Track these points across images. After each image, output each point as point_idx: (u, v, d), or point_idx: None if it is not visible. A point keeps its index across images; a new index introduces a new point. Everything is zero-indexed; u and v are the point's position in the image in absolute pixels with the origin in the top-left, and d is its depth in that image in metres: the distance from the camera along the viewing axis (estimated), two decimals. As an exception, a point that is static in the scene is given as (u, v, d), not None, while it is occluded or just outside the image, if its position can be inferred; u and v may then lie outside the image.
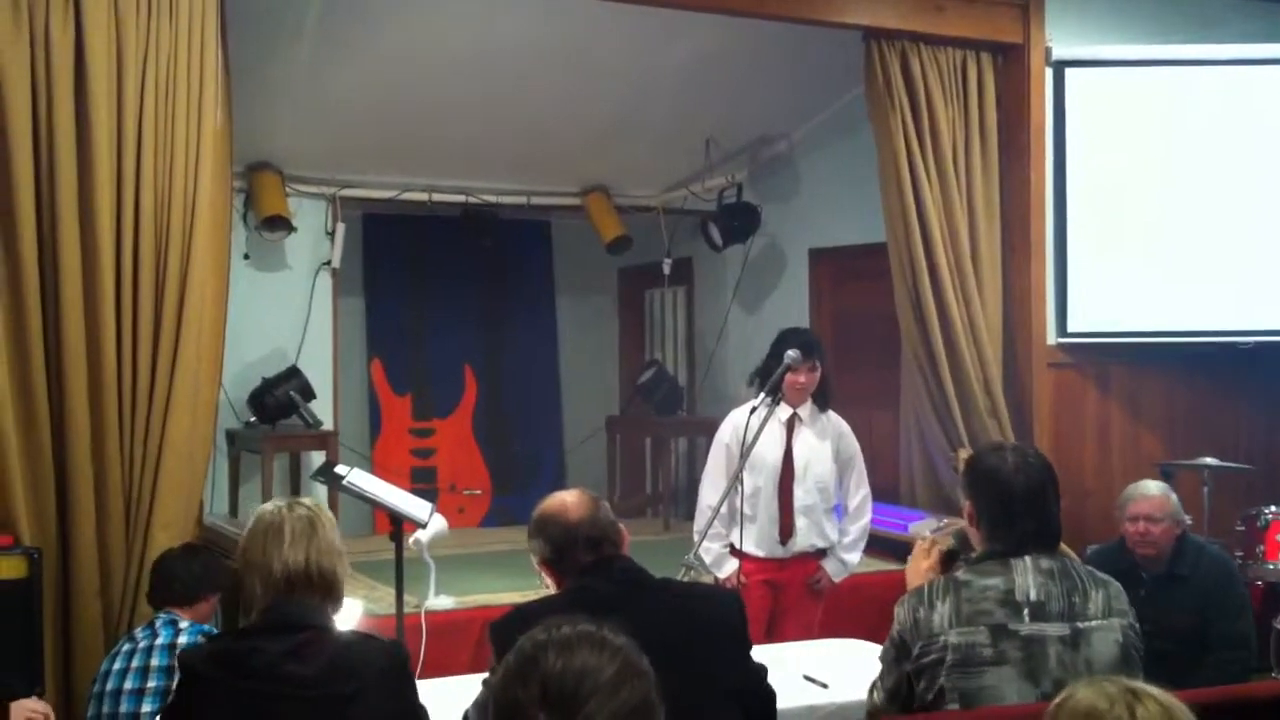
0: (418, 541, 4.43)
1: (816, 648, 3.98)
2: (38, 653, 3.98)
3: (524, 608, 2.55)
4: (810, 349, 4.39)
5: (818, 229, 7.18)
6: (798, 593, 4.56)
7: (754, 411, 4.27)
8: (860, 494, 4.64)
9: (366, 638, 2.39)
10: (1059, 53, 5.80)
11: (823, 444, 4.56)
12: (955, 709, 2.46)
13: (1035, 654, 2.47)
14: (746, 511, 4.45)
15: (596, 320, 8.70)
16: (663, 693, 1.56)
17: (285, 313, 6.77)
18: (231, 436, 6.43)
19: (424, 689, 2.51)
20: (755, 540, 4.49)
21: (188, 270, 4.30)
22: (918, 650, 2.52)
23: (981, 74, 5.76)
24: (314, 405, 6.43)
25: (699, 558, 4.07)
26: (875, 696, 2.66)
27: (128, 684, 3.51)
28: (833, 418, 4.61)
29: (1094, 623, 2.51)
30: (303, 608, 2.37)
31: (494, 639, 2.45)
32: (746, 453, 4.18)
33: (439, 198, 7.20)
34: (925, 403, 5.74)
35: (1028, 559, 2.55)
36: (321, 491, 5.56)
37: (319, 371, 6.66)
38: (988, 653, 2.47)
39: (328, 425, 6.58)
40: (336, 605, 2.45)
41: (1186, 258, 5.81)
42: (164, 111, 4.25)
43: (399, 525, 3.92)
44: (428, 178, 7.10)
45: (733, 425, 4.46)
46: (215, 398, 4.58)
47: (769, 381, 4.31)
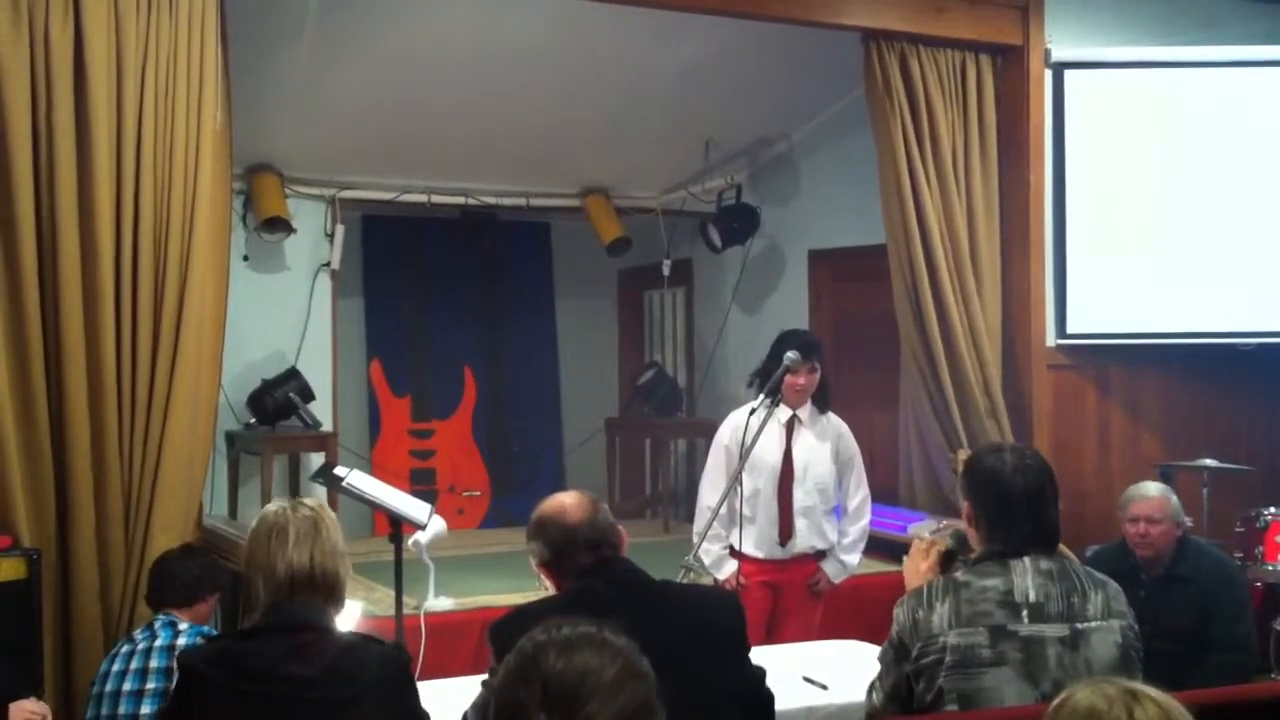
0: (417, 543, 4.43)
1: (816, 649, 3.98)
2: (37, 654, 3.97)
3: (524, 609, 2.55)
4: (810, 350, 4.39)
5: (817, 230, 7.18)
6: (797, 594, 4.56)
7: (753, 413, 4.27)
8: (860, 495, 4.64)
9: (368, 640, 2.38)
10: (1058, 54, 5.80)
11: (822, 445, 4.56)
12: (954, 710, 2.46)
13: (1034, 655, 2.47)
14: (746, 513, 4.45)
15: (596, 322, 8.69)
16: (662, 694, 1.57)
17: (285, 314, 6.77)
18: (231, 438, 6.43)
19: (423, 690, 2.51)
20: (755, 541, 4.49)
21: (187, 271, 4.29)
22: (917, 651, 2.52)
23: (981, 76, 5.76)
24: (313, 407, 6.44)
25: (698, 559, 4.06)
26: (874, 698, 2.66)
27: (127, 685, 3.50)
28: (832, 419, 4.61)
29: (1093, 624, 2.51)
30: (305, 609, 2.36)
31: (494, 640, 2.45)
32: (746, 454, 4.18)
33: (438, 199, 7.20)
34: (925, 404, 5.73)
35: (1027, 560, 2.55)
36: (321, 493, 5.55)
37: (318, 373, 6.66)
38: (987, 654, 2.47)
39: (327, 427, 6.58)
40: (338, 607, 2.44)
41: (1186, 259, 5.81)
42: (163, 112, 4.25)
43: (398, 527, 3.92)
44: (427, 179, 7.10)
45: (732, 426, 4.45)
46: (215, 399, 4.58)
47: (768, 383, 4.32)
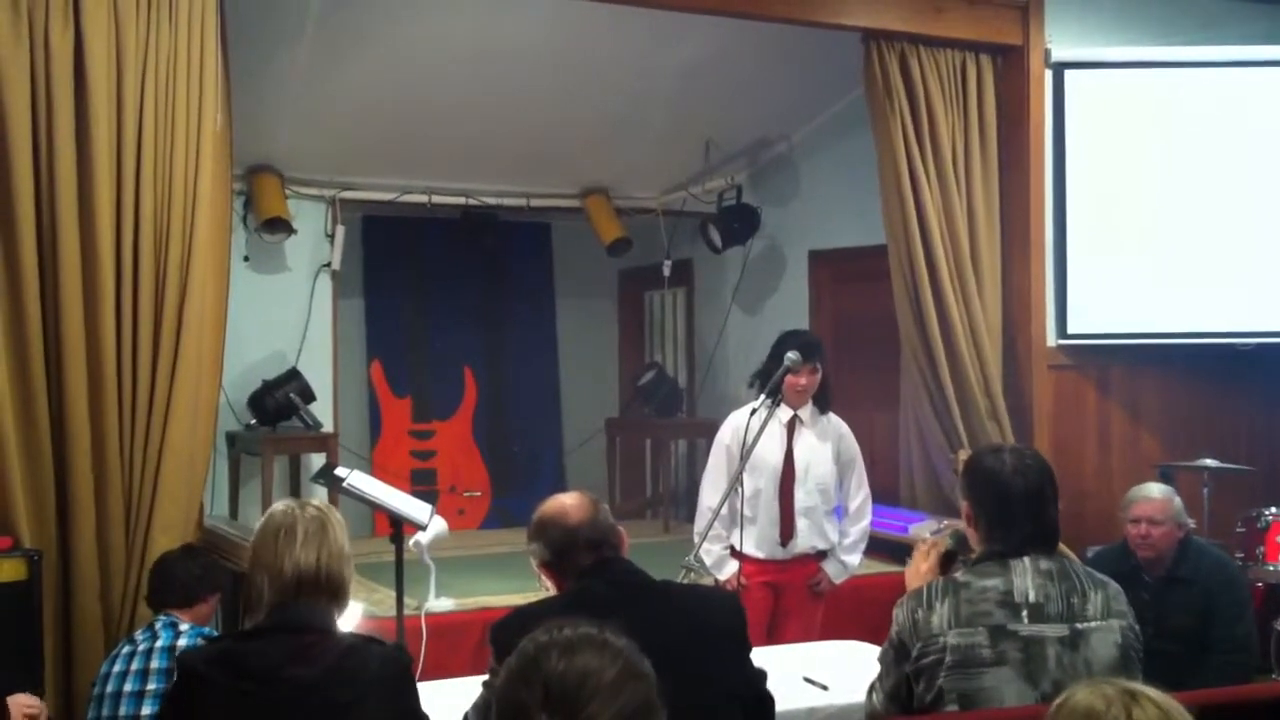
0: (418, 543, 4.43)
1: (817, 649, 3.98)
2: (38, 655, 3.97)
3: (524, 610, 2.55)
4: (810, 351, 4.39)
5: (817, 231, 7.18)
6: (798, 594, 4.56)
7: (754, 413, 4.27)
8: (860, 496, 4.64)
9: (369, 641, 2.38)
10: (1058, 54, 5.80)
11: (823, 446, 4.55)
12: (954, 710, 2.46)
13: (1034, 655, 2.47)
14: (747, 513, 4.45)
15: (596, 322, 8.69)
16: (663, 694, 1.57)
17: (285, 315, 6.77)
18: (231, 439, 6.43)
19: (424, 691, 2.51)
20: (756, 542, 4.48)
21: (188, 272, 4.29)
22: (917, 651, 2.52)
23: (981, 76, 5.76)
24: (314, 407, 6.44)
25: (699, 559, 4.06)
26: (874, 698, 2.66)
27: (128, 686, 3.50)
28: (833, 419, 4.61)
29: (1093, 624, 2.51)
30: (309, 610, 2.36)
31: (494, 641, 2.45)
32: (747, 454, 4.18)
33: (439, 200, 7.20)
34: (925, 404, 5.73)
35: (1026, 560, 2.55)
36: (321, 494, 5.55)
37: (319, 374, 6.66)
38: (987, 654, 2.47)
39: (328, 427, 6.58)
40: (342, 608, 2.44)
41: (1186, 259, 5.81)
42: (164, 113, 4.25)
43: (399, 527, 3.92)
44: (427, 180, 7.10)
45: (733, 427, 4.45)
46: (215, 400, 4.58)
47: (769, 383, 4.32)
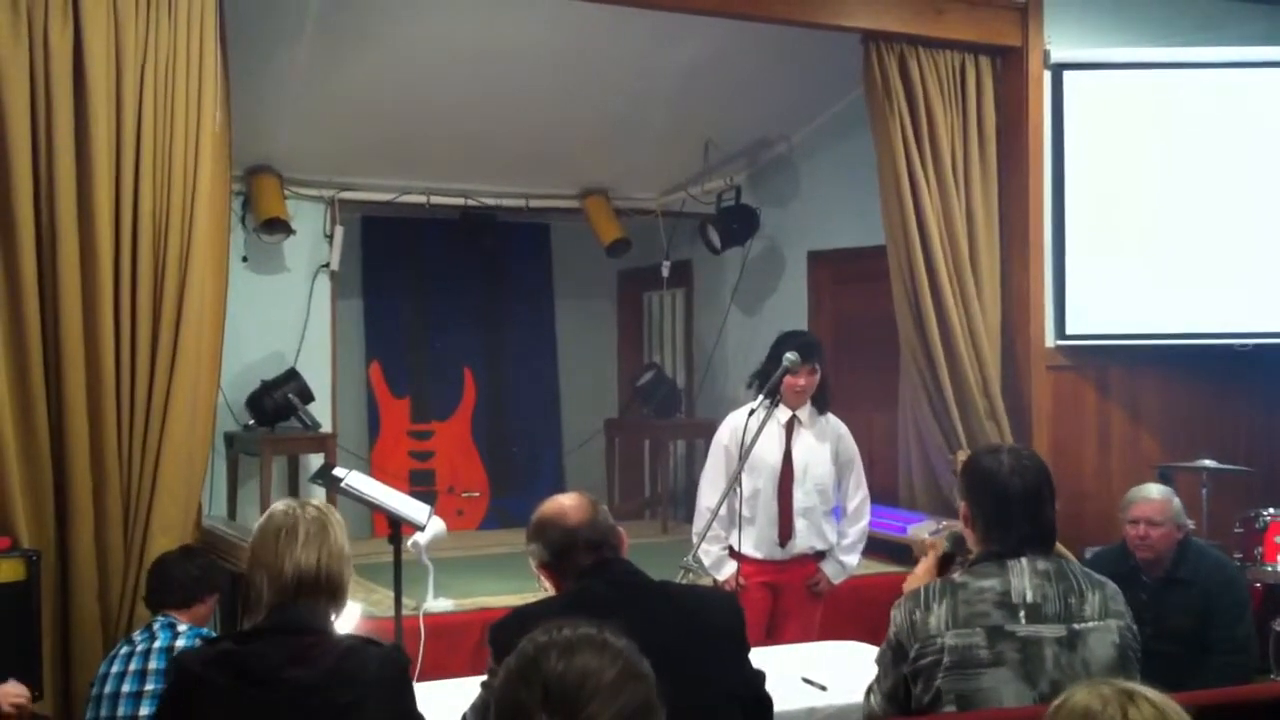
0: (416, 544, 4.43)
1: (815, 650, 3.98)
2: (36, 655, 3.97)
3: (523, 610, 2.55)
4: (809, 352, 4.39)
5: (816, 231, 7.18)
6: (797, 595, 4.56)
7: (753, 413, 4.27)
8: (859, 496, 4.64)
9: (367, 642, 2.37)
10: (1057, 55, 5.80)
11: (822, 446, 4.55)
12: (952, 711, 2.46)
13: (1032, 656, 2.47)
14: (745, 514, 4.45)
15: (595, 323, 8.69)
16: (662, 695, 1.57)
17: (284, 315, 6.77)
18: (230, 439, 6.43)
19: (422, 692, 2.51)
20: (754, 542, 4.48)
21: (186, 272, 4.29)
22: (915, 652, 2.52)
23: (980, 77, 5.76)
24: (312, 408, 6.44)
25: (698, 560, 4.07)
26: (872, 699, 2.66)
27: (126, 687, 3.50)
28: (832, 420, 4.60)
29: (1090, 624, 2.51)
30: (309, 611, 2.35)
31: (493, 641, 2.45)
32: (745, 455, 4.18)
33: (438, 200, 7.20)
34: (924, 405, 5.73)
35: (1024, 560, 2.55)
36: (320, 494, 5.55)
37: (317, 374, 6.66)
38: (985, 654, 2.47)
39: (326, 428, 6.58)
40: (339, 610, 2.44)
41: (1185, 260, 5.81)
42: (163, 113, 4.25)
43: (397, 528, 3.92)
44: (426, 180, 7.10)
45: (731, 427, 4.45)
46: (214, 399, 4.58)
47: (768, 384, 4.31)
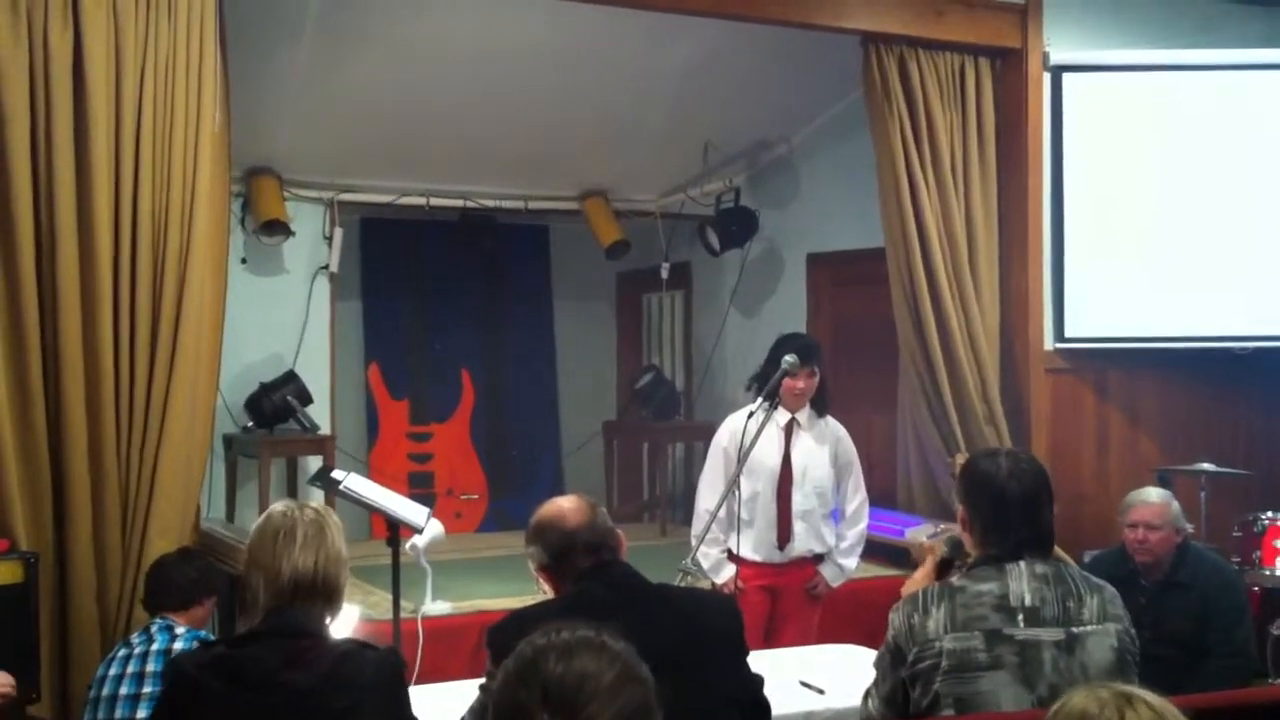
0: (414, 546, 4.43)
1: (814, 653, 3.98)
2: (34, 657, 3.96)
3: (522, 613, 2.55)
4: (808, 354, 4.39)
5: (816, 233, 7.18)
6: (795, 598, 4.55)
7: (752, 416, 4.26)
8: (858, 499, 4.64)
9: (363, 646, 2.37)
10: (1057, 57, 5.80)
11: (821, 449, 4.55)
12: (950, 714, 2.46)
13: (1030, 659, 2.47)
14: (744, 516, 4.44)
15: (594, 325, 8.69)
16: (660, 698, 1.57)
17: (283, 317, 6.76)
18: (228, 441, 6.42)
19: (420, 695, 2.51)
20: (753, 545, 4.47)
21: (185, 274, 4.29)
22: (913, 656, 2.51)
23: (980, 79, 5.77)
24: (311, 410, 6.43)
25: (696, 563, 4.06)
26: (870, 703, 2.66)
27: (124, 689, 3.50)
28: (830, 423, 4.60)
29: (1089, 627, 2.51)
30: (305, 615, 2.35)
31: (492, 644, 2.44)
32: (744, 457, 4.18)
33: (437, 202, 7.20)
34: (923, 408, 5.73)
35: (1022, 564, 2.55)
36: (318, 496, 5.55)
37: (316, 376, 6.65)
38: (983, 658, 2.47)
39: (325, 430, 6.58)
40: (335, 613, 2.43)
41: (1184, 262, 5.81)
42: (162, 114, 4.25)
43: (396, 530, 3.92)
44: (426, 182, 7.10)
45: (730, 430, 4.45)
46: (212, 402, 4.58)
47: (767, 386, 4.31)
